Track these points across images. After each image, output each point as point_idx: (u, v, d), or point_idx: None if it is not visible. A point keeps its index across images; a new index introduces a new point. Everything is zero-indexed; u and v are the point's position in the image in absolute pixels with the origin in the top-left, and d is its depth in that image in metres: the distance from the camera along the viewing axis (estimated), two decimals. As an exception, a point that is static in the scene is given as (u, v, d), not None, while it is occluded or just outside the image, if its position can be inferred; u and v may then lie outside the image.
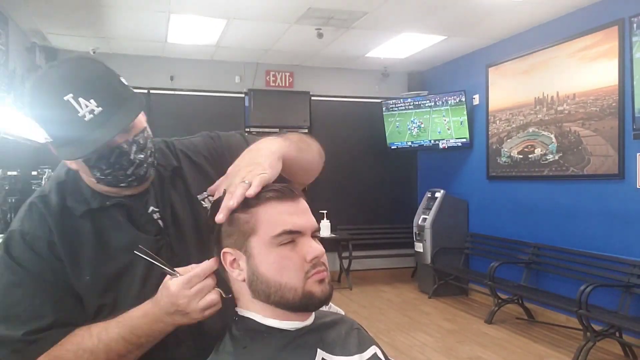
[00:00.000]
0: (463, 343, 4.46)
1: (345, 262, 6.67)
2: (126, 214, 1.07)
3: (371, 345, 1.03)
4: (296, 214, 0.91)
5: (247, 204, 0.90)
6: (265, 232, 0.89)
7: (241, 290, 0.94)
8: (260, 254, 0.89)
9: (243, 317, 0.93)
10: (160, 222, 1.09)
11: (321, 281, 0.90)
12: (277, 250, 0.88)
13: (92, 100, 0.94)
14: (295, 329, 0.91)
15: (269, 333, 0.90)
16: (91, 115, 0.94)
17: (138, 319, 0.97)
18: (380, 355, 1.03)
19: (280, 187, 0.92)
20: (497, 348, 4.30)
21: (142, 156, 1.02)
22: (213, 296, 0.94)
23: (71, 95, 0.93)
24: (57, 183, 1.08)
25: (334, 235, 6.55)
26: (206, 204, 1.14)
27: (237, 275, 0.92)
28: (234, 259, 0.92)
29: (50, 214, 1.03)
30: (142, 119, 1.05)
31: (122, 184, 1.03)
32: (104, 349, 0.96)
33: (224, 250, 0.93)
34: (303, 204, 0.94)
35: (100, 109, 0.94)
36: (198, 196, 1.16)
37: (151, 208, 1.09)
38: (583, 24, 4.62)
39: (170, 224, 1.10)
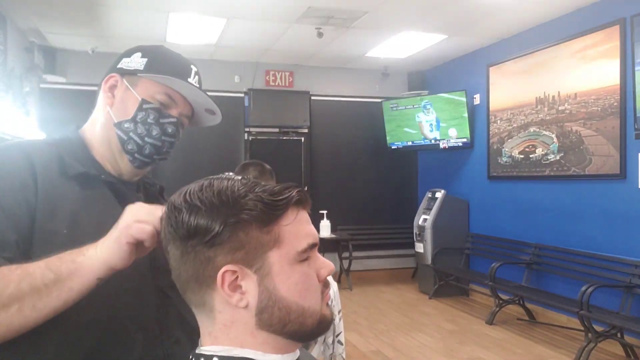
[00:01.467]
0: (464, 344, 4.44)
1: (346, 263, 6.65)
2: (117, 196, 1.04)
3: None
4: (310, 223, 0.77)
5: (271, 211, 0.72)
6: (292, 245, 0.72)
7: (236, 322, 0.72)
8: (282, 272, 0.71)
9: (230, 358, 0.72)
10: None
11: (328, 303, 0.79)
12: (298, 268, 0.73)
13: (197, 79, 1.12)
14: None
15: None
16: (195, 87, 1.09)
17: (68, 253, 0.85)
18: None
19: (296, 189, 0.75)
20: (497, 349, 4.29)
21: (173, 141, 1.09)
22: (150, 227, 0.82)
23: (195, 70, 1.12)
24: (43, 140, 1.06)
25: (334, 236, 6.53)
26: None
27: (238, 301, 0.71)
28: (235, 279, 0.71)
29: (41, 156, 0.97)
30: (185, 126, 1.15)
31: (142, 141, 1.05)
32: (20, 275, 0.80)
33: (226, 267, 0.70)
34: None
35: (198, 86, 1.12)
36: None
37: None
38: (584, 24, 4.60)
39: None
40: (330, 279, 1.76)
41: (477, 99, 6.10)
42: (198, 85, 1.11)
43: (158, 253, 0.93)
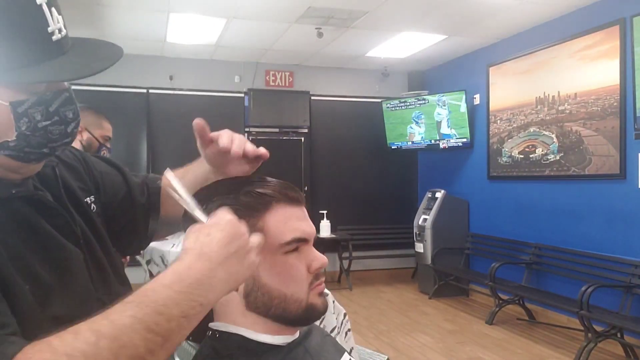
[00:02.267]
0: (463, 344, 4.44)
1: (345, 263, 6.65)
2: (33, 206, 0.82)
3: (344, 352, 0.96)
4: (303, 219, 0.85)
5: (254, 206, 0.81)
6: (274, 238, 0.81)
7: (229, 302, 0.83)
8: (265, 261, 0.80)
9: (228, 333, 0.83)
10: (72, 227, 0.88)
11: (321, 293, 0.85)
12: (283, 259, 0.81)
13: (60, 17, 0.75)
14: (286, 344, 0.85)
15: (261, 350, 0.82)
16: (59, 36, 0.74)
17: (165, 288, 0.62)
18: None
19: (290, 188, 0.85)
20: (497, 349, 4.29)
21: (79, 118, 0.81)
22: (258, 237, 0.72)
23: (46, 3, 0.72)
24: None
25: (334, 236, 6.53)
26: (93, 209, 0.97)
27: None
28: None
29: None
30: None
31: (46, 148, 0.77)
32: (110, 347, 0.57)
33: None
34: (305, 209, 0.89)
35: (65, 32, 0.75)
36: (86, 199, 0.96)
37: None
38: (584, 24, 4.60)
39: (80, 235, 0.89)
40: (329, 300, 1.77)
41: (477, 99, 6.10)
42: (61, 21, 0.75)
43: (103, 263, 0.92)
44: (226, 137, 0.90)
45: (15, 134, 0.74)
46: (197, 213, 0.74)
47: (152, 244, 2.20)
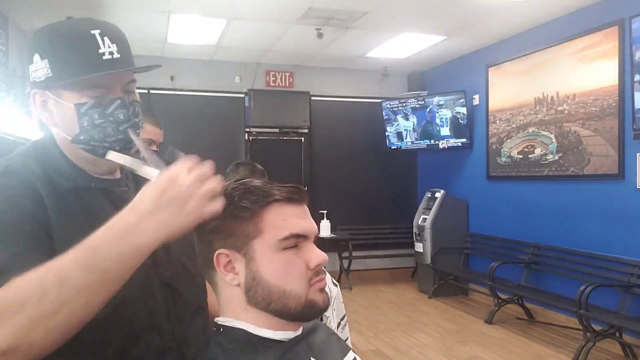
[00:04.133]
0: (463, 343, 4.46)
1: (345, 262, 6.66)
2: (111, 200, 0.97)
3: (349, 351, 0.98)
4: (302, 217, 0.87)
5: (254, 203, 0.84)
6: (272, 234, 0.83)
7: (233, 297, 0.86)
8: (264, 257, 0.83)
9: (231, 327, 0.85)
10: None
11: (322, 289, 0.87)
12: (281, 255, 0.83)
13: (115, 45, 0.94)
14: (288, 340, 0.86)
15: (262, 345, 0.84)
16: (110, 57, 0.93)
17: (102, 234, 0.76)
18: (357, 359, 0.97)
19: (289, 188, 0.87)
20: (497, 348, 4.30)
21: (136, 119, 0.98)
22: (215, 183, 0.80)
23: (98, 31, 0.94)
24: (25, 154, 0.96)
25: (334, 235, 6.55)
26: None
27: (231, 280, 0.85)
28: (229, 262, 0.85)
29: (35, 175, 0.91)
30: (137, 94, 1.03)
31: (106, 142, 0.94)
32: (54, 280, 0.72)
33: (219, 251, 0.84)
34: (306, 207, 0.90)
35: (119, 55, 0.94)
36: None
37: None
38: (583, 24, 4.62)
39: None
40: (331, 284, 1.77)
41: (476, 100, 6.11)
42: (114, 47, 0.95)
43: (158, 248, 0.94)
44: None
45: (79, 129, 0.93)
46: (145, 170, 0.88)
47: None
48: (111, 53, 0.94)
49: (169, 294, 1.00)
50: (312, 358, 0.87)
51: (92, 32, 0.93)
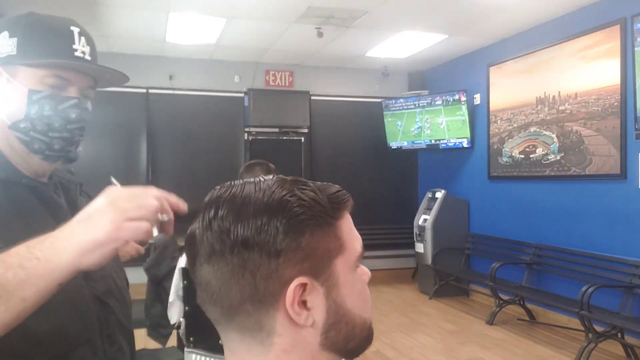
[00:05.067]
0: (464, 344, 4.43)
1: (346, 263, 6.63)
2: (41, 200, 0.94)
3: None
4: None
5: (332, 213, 0.62)
6: (352, 248, 0.63)
7: (298, 344, 0.61)
8: (347, 281, 0.62)
9: None
10: None
11: None
12: (357, 276, 0.64)
13: (88, 47, 0.96)
14: None
15: None
16: (81, 55, 0.95)
17: (22, 245, 0.71)
18: None
19: (343, 190, 0.67)
20: (498, 349, 4.28)
21: (83, 124, 0.96)
22: (147, 224, 0.71)
23: (78, 30, 0.96)
24: None
25: (334, 236, 6.52)
26: None
27: (306, 319, 0.60)
28: (302, 294, 0.60)
29: None
30: (90, 104, 1.00)
31: (47, 137, 0.91)
32: None
33: (298, 280, 0.59)
34: None
35: (90, 58, 0.96)
36: None
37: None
38: (585, 23, 4.59)
39: None
40: None
41: (477, 99, 6.09)
42: (87, 49, 0.96)
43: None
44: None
45: (24, 115, 0.90)
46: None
47: None
48: (83, 52, 0.95)
49: (101, 309, 0.95)
50: None
51: (72, 28, 0.95)
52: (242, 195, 0.60)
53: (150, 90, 6.28)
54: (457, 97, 6.12)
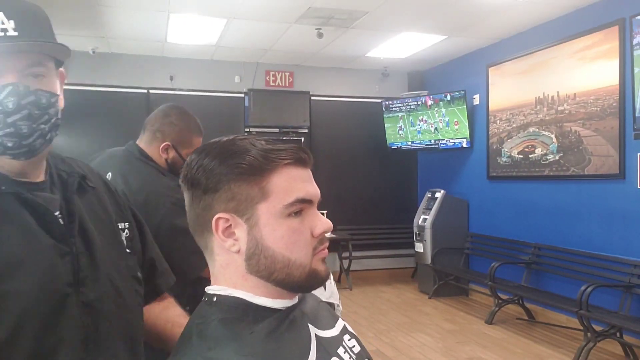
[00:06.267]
0: (463, 343, 4.45)
1: (345, 262, 6.66)
2: (26, 205, 0.86)
3: (338, 318, 0.95)
4: (308, 181, 0.82)
5: (260, 166, 0.77)
6: (278, 199, 0.78)
7: (230, 264, 0.80)
8: (269, 224, 0.78)
9: (227, 296, 0.80)
10: (64, 227, 0.90)
11: (324, 259, 0.83)
12: (286, 222, 0.78)
13: (11, 22, 0.81)
14: (286, 308, 0.82)
15: (261, 314, 0.79)
16: (2, 33, 0.80)
17: None
18: (347, 327, 0.93)
19: (299, 149, 0.81)
20: (497, 348, 4.30)
21: (39, 112, 0.84)
22: None
23: None
24: None
25: (333, 236, 6.53)
26: (125, 235, 1.04)
27: (231, 246, 0.79)
28: (229, 226, 0.79)
29: None
30: (57, 85, 0.88)
31: (10, 144, 0.82)
32: None
33: (219, 215, 0.78)
34: (311, 172, 0.84)
35: (16, 33, 0.80)
36: (119, 224, 1.03)
37: (57, 212, 0.90)
38: (583, 24, 4.61)
39: (76, 235, 0.90)
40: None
41: (476, 99, 6.10)
42: (10, 24, 0.81)
43: (83, 263, 0.90)
44: None
45: None
46: None
47: None
48: (4, 30, 0.79)
49: (90, 317, 0.89)
50: (309, 324, 0.84)
51: None
52: (209, 145, 0.81)
53: (151, 91, 6.29)
54: (456, 97, 6.14)
